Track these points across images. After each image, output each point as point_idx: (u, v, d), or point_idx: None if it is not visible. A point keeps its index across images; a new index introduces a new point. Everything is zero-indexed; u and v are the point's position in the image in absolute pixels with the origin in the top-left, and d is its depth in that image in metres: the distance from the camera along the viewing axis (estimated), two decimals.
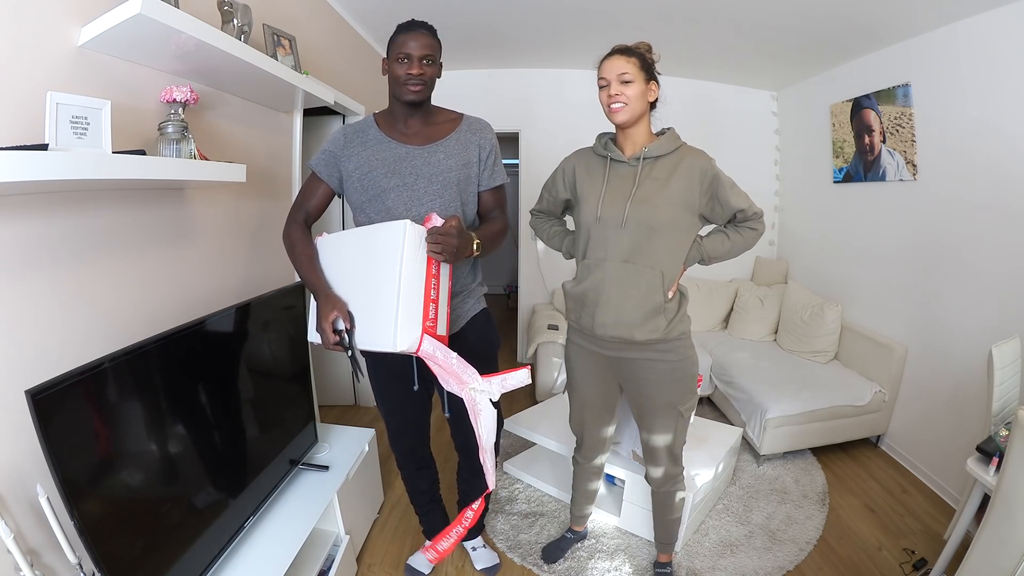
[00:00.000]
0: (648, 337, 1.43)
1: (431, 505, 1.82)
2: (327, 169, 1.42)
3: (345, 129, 1.43)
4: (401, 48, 1.30)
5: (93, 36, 1.09)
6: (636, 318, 1.42)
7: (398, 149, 1.37)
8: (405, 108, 1.37)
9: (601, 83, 1.39)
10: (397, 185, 1.35)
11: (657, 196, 1.37)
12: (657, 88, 1.40)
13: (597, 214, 1.42)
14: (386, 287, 1.14)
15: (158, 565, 1.12)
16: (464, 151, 1.40)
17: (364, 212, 1.40)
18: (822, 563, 1.90)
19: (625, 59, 1.36)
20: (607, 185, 1.43)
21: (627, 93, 1.35)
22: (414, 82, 1.31)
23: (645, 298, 1.40)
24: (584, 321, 1.51)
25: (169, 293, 1.42)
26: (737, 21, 2.55)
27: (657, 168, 1.40)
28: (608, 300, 1.43)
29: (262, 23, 1.70)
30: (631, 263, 1.40)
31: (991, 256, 2.15)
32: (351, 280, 1.26)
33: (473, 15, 2.61)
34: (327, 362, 3.01)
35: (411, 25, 1.32)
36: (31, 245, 1.03)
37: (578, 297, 1.50)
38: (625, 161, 1.43)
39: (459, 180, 1.39)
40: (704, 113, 3.72)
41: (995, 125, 2.10)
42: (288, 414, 1.77)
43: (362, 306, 1.21)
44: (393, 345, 1.12)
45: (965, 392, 2.19)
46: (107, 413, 1.05)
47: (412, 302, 1.14)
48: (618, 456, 2.06)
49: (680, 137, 1.44)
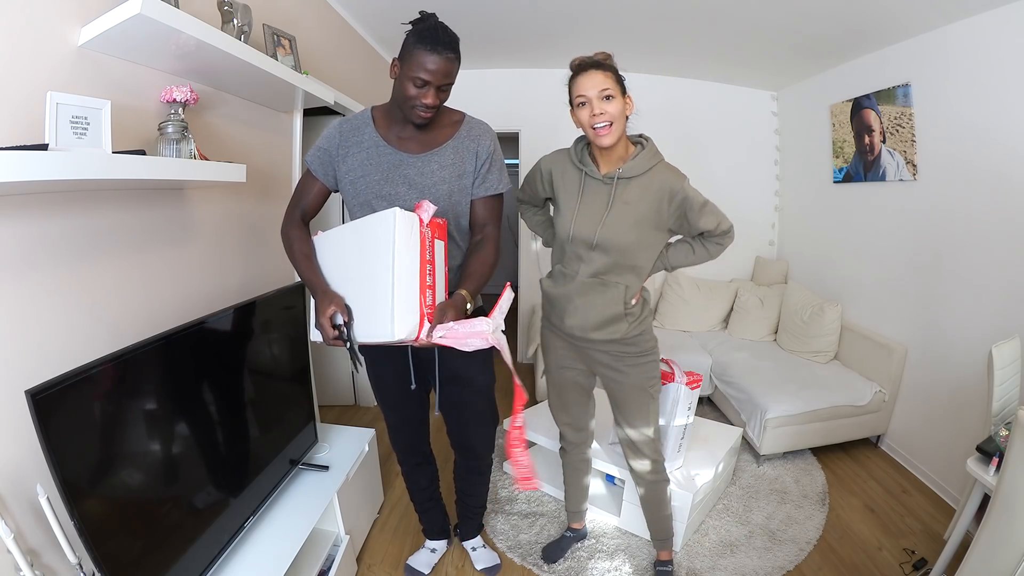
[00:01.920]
0: (609, 338, 1.50)
1: (431, 503, 1.83)
2: (322, 167, 1.37)
3: (341, 126, 1.36)
4: (420, 70, 1.17)
5: (93, 36, 1.09)
6: (598, 323, 1.48)
7: (392, 156, 1.32)
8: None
9: (579, 100, 1.32)
10: (389, 194, 1.32)
11: (627, 219, 1.38)
12: (631, 101, 1.35)
13: (570, 233, 1.44)
14: (381, 277, 1.13)
15: (158, 565, 1.12)
16: (459, 161, 1.34)
17: (356, 215, 1.37)
18: (822, 563, 1.91)
19: (603, 74, 1.29)
20: (581, 201, 1.43)
21: (610, 111, 1.29)
22: (426, 110, 1.23)
23: (607, 308, 1.46)
24: (554, 319, 1.59)
25: (169, 293, 1.42)
26: (737, 21, 2.54)
27: (630, 189, 1.38)
28: (575, 308, 1.49)
29: (262, 23, 1.70)
30: (598, 278, 1.45)
31: (991, 256, 2.15)
32: (347, 274, 1.25)
33: (473, 15, 2.61)
34: (327, 362, 3.01)
35: (438, 44, 1.16)
36: (31, 245, 1.03)
37: (550, 299, 1.57)
38: (599, 179, 1.40)
39: (451, 192, 1.33)
40: (704, 113, 3.72)
41: (995, 125, 2.10)
42: (288, 414, 1.77)
43: (359, 299, 1.21)
44: (391, 334, 1.10)
45: (965, 392, 2.19)
46: (107, 413, 1.05)
47: (408, 290, 1.12)
48: (618, 456, 2.05)
49: (657, 151, 1.40)
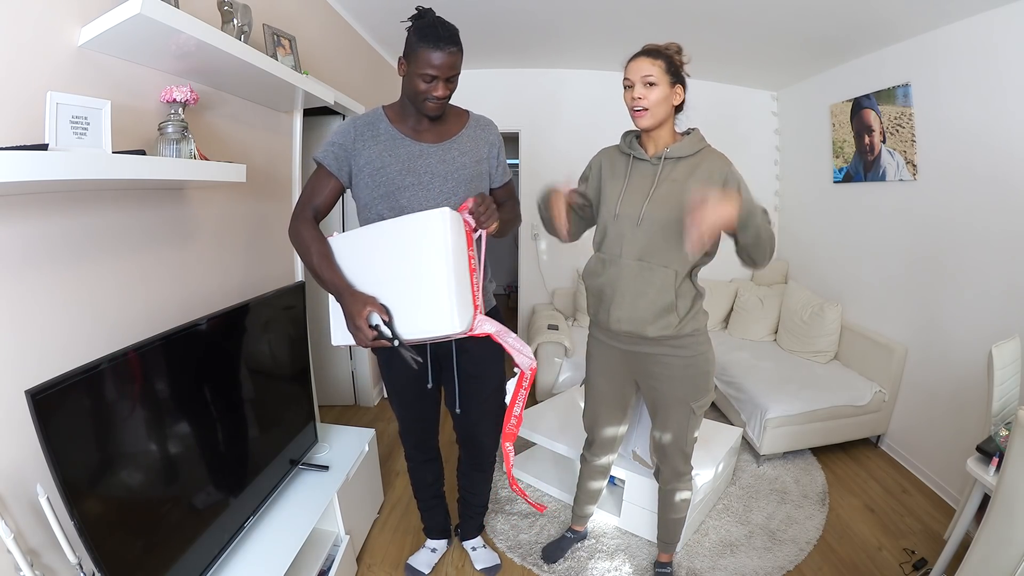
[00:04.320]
0: (659, 334, 1.44)
1: (435, 500, 1.83)
2: (336, 163, 1.35)
3: (355, 121, 1.37)
4: (427, 66, 1.22)
5: (93, 36, 1.09)
6: (648, 315, 1.43)
7: (412, 147, 1.35)
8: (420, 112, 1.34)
9: (626, 83, 1.38)
10: (412, 183, 1.33)
11: (674, 198, 1.37)
12: (683, 92, 1.38)
13: (615, 211, 1.44)
14: (433, 274, 1.18)
15: (158, 565, 1.13)
16: (476, 148, 1.40)
17: (373, 209, 1.35)
18: (822, 563, 1.91)
19: (651, 61, 1.34)
20: (628, 183, 1.45)
21: (650, 97, 1.34)
22: (436, 102, 1.28)
23: (658, 296, 1.41)
24: (601, 316, 1.53)
25: (169, 293, 1.42)
26: (737, 21, 2.55)
27: (678, 169, 1.40)
28: (623, 296, 1.45)
29: (262, 23, 1.70)
30: (644, 261, 1.41)
31: (991, 256, 2.15)
32: (381, 275, 1.25)
33: (473, 15, 2.61)
34: (327, 362, 3.01)
35: (439, 40, 1.21)
36: (31, 245, 1.03)
37: (596, 292, 1.53)
38: (647, 160, 1.43)
39: (472, 177, 1.38)
40: (704, 113, 3.70)
41: (995, 125, 2.10)
42: (288, 414, 1.77)
43: (401, 298, 1.22)
44: (453, 327, 1.17)
45: (965, 392, 2.19)
46: (107, 413, 1.05)
47: (462, 284, 1.19)
48: (621, 457, 2.05)
49: (704, 139, 1.43)
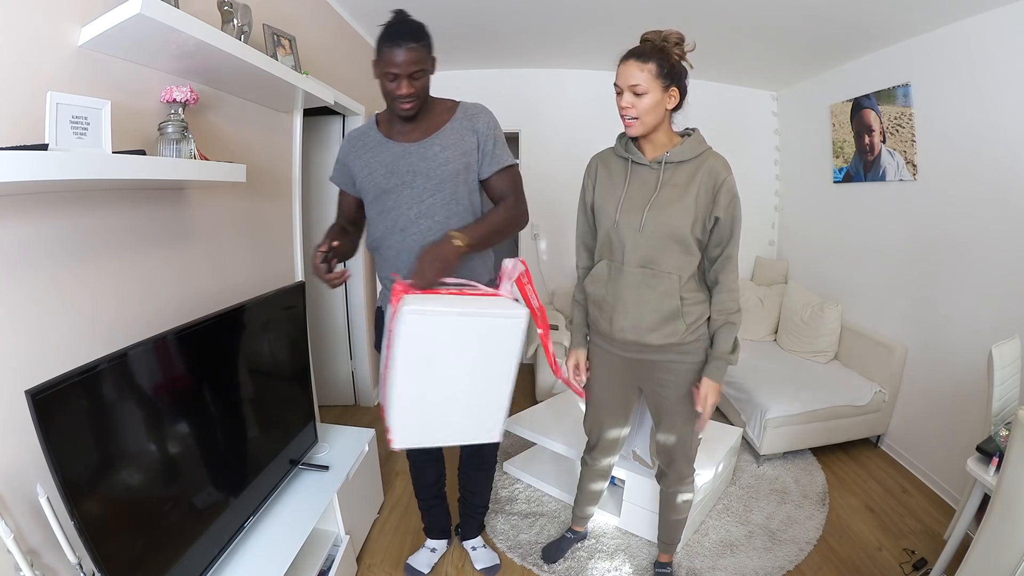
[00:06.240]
0: (664, 342, 1.41)
1: (436, 500, 1.83)
2: (342, 179, 1.48)
3: (349, 136, 1.47)
4: (388, 65, 1.22)
5: (93, 36, 1.09)
6: (653, 323, 1.40)
7: (395, 148, 1.37)
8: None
9: (615, 89, 1.31)
10: (396, 185, 1.36)
11: (675, 203, 1.32)
12: (679, 93, 1.30)
13: (615, 218, 1.39)
14: (498, 385, 1.17)
15: (158, 565, 1.12)
16: (461, 140, 1.37)
17: (369, 213, 1.44)
18: (822, 563, 1.91)
19: (639, 65, 1.25)
20: (627, 188, 1.39)
21: (639, 106, 1.27)
22: (404, 100, 1.27)
23: (661, 303, 1.38)
24: (602, 325, 1.49)
25: (169, 293, 1.42)
26: (737, 21, 2.54)
27: (679, 174, 1.34)
28: (625, 305, 1.42)
29: (262, 23, 1.70)
30: (647, 268, 1.38)
31: (991, 256, 2.15)
32: (450, 369, 1.15)
33: (473, 15, 2.61)
34: (327, 362, 3.01)
35: (394, 38, 1.21)
36: (31, 245, 1.03)
37: (597, 301, 1.49)
38: (647, 164, 1.37)
39: (457, 171, 1.36)
40: (704, 113, 3.69)
41: (995, 125, 2.10)
42: (288, 414, 1.77)
43: (458, 397, 1.17)
44: (489, 439, 1.23)
45: (965, 392, 2.19)
46: (107, 413, 1.05)
47: (509, 394, 1.19)
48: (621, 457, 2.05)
49: (705, 141, 1.37)
